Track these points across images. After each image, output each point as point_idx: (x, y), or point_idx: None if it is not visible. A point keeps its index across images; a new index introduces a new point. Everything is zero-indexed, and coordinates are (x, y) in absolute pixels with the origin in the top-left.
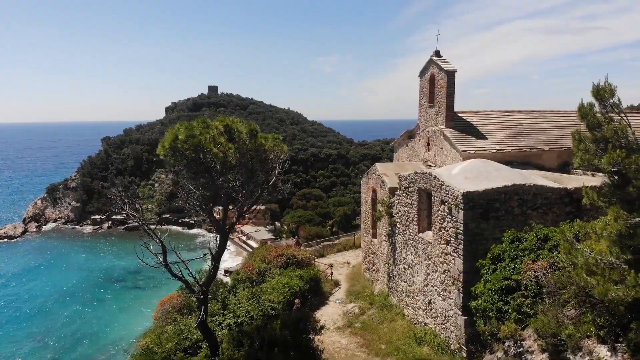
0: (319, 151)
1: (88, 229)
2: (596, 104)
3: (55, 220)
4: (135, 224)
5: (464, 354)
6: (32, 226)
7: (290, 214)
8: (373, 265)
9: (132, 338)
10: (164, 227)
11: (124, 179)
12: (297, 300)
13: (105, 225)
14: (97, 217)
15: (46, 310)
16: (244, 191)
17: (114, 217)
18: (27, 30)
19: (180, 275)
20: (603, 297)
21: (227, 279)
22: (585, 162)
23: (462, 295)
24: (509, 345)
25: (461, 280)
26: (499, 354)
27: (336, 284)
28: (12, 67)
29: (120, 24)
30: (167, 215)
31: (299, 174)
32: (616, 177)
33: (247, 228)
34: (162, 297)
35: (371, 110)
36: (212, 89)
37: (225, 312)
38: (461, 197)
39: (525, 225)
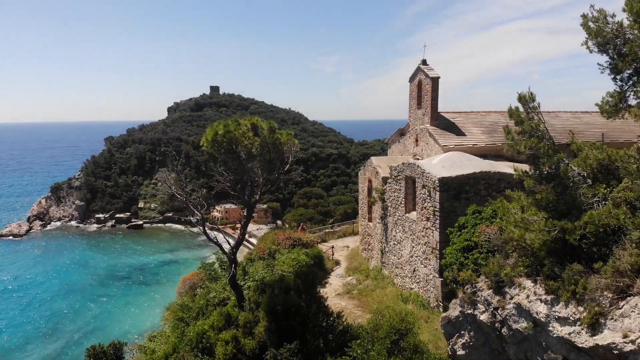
0: (319, 151)
1: (92, 227)
2: (520, 107)
3: (59, 219)
4: (140, 222)
5: (441, 310)
6: (37, 224)
7: (291, 213)
8: (368, 245)
9: (137, 332)
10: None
11: (127, 178)
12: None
13: (109, 223)
14: (100, 215)
15: (54, 305)
16: (264, 175)
17: (117, 215)
18: (31, 29)
19: (216, 240)
20: (521, 240)
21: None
22: (511, 148)
23: (438, 261)
24: (467, 287)
25: (438, 249)
26: (460, 294)
27: (337, 262)
28: (15, 67)
29: (122, 24)
30: (170, 214)
31: (300, 173)
32: (534, 159)
33: (250, 226)
34: (167, 292)
35: (372, 110)
36: (214, 89)
37: (246, 277)
38: (438, 182)
39: None
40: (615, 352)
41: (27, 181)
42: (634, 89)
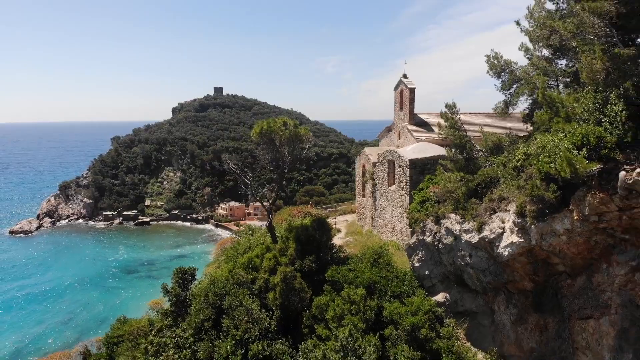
0: (321, 150)
1: (100, 224)
2: (447, 111)
3: (67, 217)
4: (147, 219)
5: None
6: (47, 221)
7: None
8: (363, 216)
9: None
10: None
11: (134, 177)
12: None
13: (117, 221)
14: (108, 213)
15: (69, 297)
16: (290, 156)
17: (124, 213)
18: (32, 28)
19: (257, 198)
20: (446, 188)
21: None
22: (441, 136)
23: (409, 218)
24: (420, 224)
25: (409, 209)
26: (416, 229)
27: (338, 230)
28: (21, 68)
29: (126, 24)
30: (176, 212)
31: (302, 172)
32: (454, 142)
33: (253, 223)
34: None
35: (372, 110)
36: (218, 90)
37: (274, 229)
38: (408, 162)
39: None
40: (487, 240)
41: (34, 179)
42: (512, 100)
